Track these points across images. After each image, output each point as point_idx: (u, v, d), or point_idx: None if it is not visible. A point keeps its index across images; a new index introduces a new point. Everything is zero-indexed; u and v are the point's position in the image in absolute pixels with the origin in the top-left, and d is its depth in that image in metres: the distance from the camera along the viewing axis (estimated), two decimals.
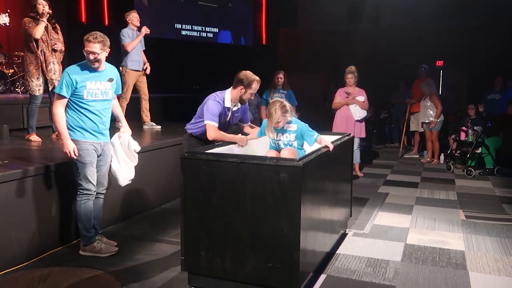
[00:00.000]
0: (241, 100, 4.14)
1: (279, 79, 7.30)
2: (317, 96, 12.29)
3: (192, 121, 4.31)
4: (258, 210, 2.99)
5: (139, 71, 6.87)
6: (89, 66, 3.71)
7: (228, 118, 4.19)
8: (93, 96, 3.73)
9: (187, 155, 3.25)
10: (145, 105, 7.07)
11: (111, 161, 4.02)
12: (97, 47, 3.64)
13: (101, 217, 4.09)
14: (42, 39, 5.40)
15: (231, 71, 4.39)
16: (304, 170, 2.92)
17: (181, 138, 6.02)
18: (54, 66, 5.55)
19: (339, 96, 7.09)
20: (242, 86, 4.03)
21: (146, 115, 7.10)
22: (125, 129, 4.13)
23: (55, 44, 5.56)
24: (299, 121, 3.80)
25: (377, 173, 7.56)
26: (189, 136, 4.36)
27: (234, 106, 4.16)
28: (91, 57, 3.65)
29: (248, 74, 4.06)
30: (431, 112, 8.33)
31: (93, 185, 3.82)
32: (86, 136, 3.75)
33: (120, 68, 6.69)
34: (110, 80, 3.85)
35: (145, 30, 6.80)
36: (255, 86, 4.06)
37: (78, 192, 3.80)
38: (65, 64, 4.51)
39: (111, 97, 3.89)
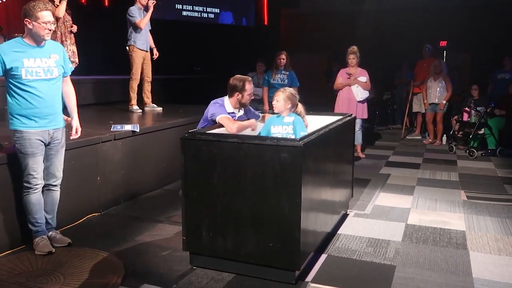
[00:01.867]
0: (243, 105, 4.13)
1: (282, 60, 7.23)
2: (319, 77, 12.22)
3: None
4: (259, 190, 3.00)
5: (146, 51, 6.81)
6: (24, 42, 3.35)
7: None
8: (33, 75, 3.33)
9: (188, 135, 3.24)
10: (147, 87, 7.04)
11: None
12: (51, 14, 3.36)
13: (55, 211, 3.72)
14: (60, 20, 5.40)
15: (232, 52, 4.35)
16: (305, 150, 2.91)
17: (182, 120, 6.04)
18: (72, 47, 5.54)
19: (341, 77, 7.04)
20: (238, 92, 4.02)
21: (147, 96, 7.08)
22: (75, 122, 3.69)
23: (72, 26, 5.56)
24: (296, 115, 3.82)
25: (379, 154, 7.55)
26: None
27: (239, 111, 4.15)
28: (50, 26, 3.33)
29: (237, 78, 4.05)
30: (444, 93, 8.21)
31: (35, 178, 3.45)
32: (28, 125, 3.38)
33: (127, 47, 6.67)
34: (53, 56, 3.45)
35: (151, 3, 6.63)
36: (248, 86, 4.05)
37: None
38: None
39: (56, 75, 3.47)
